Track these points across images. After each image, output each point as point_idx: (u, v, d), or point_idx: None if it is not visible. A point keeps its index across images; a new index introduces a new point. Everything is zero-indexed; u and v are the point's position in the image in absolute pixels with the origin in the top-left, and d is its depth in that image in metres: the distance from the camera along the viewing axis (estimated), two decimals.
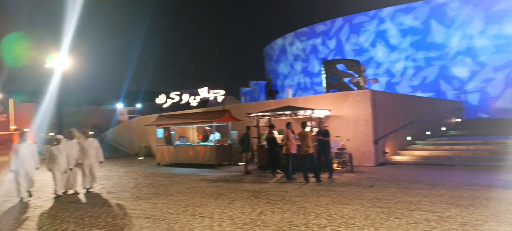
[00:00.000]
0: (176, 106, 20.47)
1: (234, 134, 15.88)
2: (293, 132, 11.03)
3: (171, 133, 17.59)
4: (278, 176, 11.34)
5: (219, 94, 18.99)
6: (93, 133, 44.45)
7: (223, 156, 15.52)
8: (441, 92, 25.27)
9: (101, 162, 10.29)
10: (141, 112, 52.43)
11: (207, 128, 17.60)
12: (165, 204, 7.81)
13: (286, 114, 13.04)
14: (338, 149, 12.33)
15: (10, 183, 9.62)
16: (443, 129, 18.62)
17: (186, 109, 19.88)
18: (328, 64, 19.07)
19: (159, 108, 21.58)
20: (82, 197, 9.32)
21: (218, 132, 16.56)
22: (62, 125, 27.22)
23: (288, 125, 10.88)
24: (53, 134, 45.92)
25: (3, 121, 50.24)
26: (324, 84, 18.87)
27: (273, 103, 16.39)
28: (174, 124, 17.43)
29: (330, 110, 13.81)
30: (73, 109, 51.66)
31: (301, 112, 12.60)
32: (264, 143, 12.77)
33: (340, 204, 7.13)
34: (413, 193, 7.94)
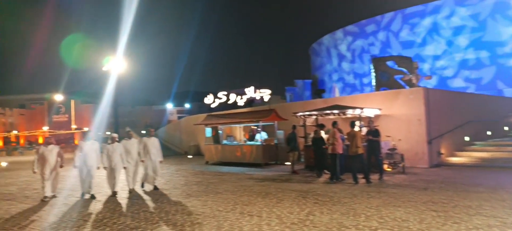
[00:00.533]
0: (224, 106, 20.89)
1: (280, 133, 15.90)
2: (340, 131, 10.81)
3: (219, 132, 17.99)
4: (325, 176, 11.18)
5: (265, 94, 19.07)
6: (145, 132, 46.71)
7: (269, 155, 15.60)
8: (498, 90, 23.49)
9: (160, 162, 10.46)
10: (190, 112, 54.14)
11: (253, 127, 17.78)
12: (214, 202, 8.01)
13: (334, 114, 12.81)
14: (388, 150, 11.89)
15: (74, 179, 10.37)
16: (506, 128, 17.26)
17: (233, 109, 20.21)
18: (378, 62, 18.46)
19: (207, 108, 22.14)
20: (140, 193, 9.77)
21: (265, 131, 16.67)
22: (118, 124, 28.87)
23: (334, 124, 10.67)
24: (109, 132, 48.88)
25: (65, 121, 54.36)
26: (373, 83, 18.28)
27: (320, 102, 16.18)
28: (222, 123, 17.81)
29: (380, 109, 13.36)
30: (128, 110, 54.53)
31: (349, 111, 12.32)
32: (311, 142, 12.64)
33: (391, 206, 6.88)
34: (472, 197, 7.46)
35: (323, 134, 11.90)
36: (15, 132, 49.87)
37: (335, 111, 12.65)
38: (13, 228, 6.57)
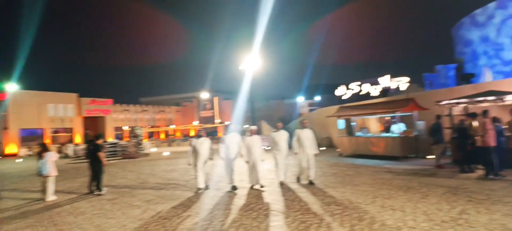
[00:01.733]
0: (356, 97, 20.40)
1: (420, 124, 14.66)
2: (497, 121, 9.38)
3: (352, 124, 17.65)
4: (478, 172, 9.87)
5: (402, 82, 17.83)
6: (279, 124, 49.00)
7: (408, 148, 14.57)
8: None
9: (315, 154, 9.92)
10: (320, 104, 54.27)
11: (388, 118, 16.84)
12: (352, 194, 8.00)
13: (488, 101, 11.17)
14: None
15: (220, 169, 11.55)
16: None
17: (366, 100, 19.53)
18: None
19: (338, 100, 21.98)
20: (289, 186, 10.14)
21: (402, 122, 15.62)
22: (254, 118, 31.12)
23: (485, 112, 9.30)
24: (247, 126, 52.96)
25: (210, 116, 61.15)
26: None
27: (468, 89, 14.27)
28: (355, 115, 17.42)
29: None
30: (262, 104, 57.99)
31: (509, 97, 10.56)
32: (455, 134, 11.26)
33: None
34: None
35: (474, 124, 10.50)
36: (173, 126, 58.69)
37: (490, 98, 11.01)
38: (173, 217, 7.85)
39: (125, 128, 52.01)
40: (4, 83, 37.13)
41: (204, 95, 58.90)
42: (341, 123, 18.45)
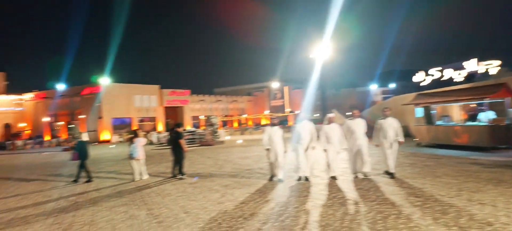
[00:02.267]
0: (436, 83, 19.02)
1: None
2: None
3: (432, 112, 16.53)
4: None
5: (492, 66, 16.17)
6: (350, 113, 47.65)
7: (499, 138, 13.22)
8: None
9: (400, 143, 9.12)
10: (395, 92, 51.47)
11: (473, 105, 15.43)
12: (433, 186, 7.60)
13: None
14: None
15: (292, 159, 11.55)
16: None
17: (448, 86, 18.09)
18: None
19: (415, 86, 20.71)
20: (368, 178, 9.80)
21: (491, 110, 14.21)
22: (325, 107, 30.69)
23: None
24: (317, 115, 52.43)
25: (280, 105, 61.64)
26: None
27: None
28: (435, 102, 16.28)
29: None
30: (333, 93, 56.79)
31: None
32: None
33: None
34: None
35: None
36: (245, 115, 60.46)
37: None
38: (250, 202, 8.20)
39: (201, 117, 54.88)
40: (98, 77, 41.59)
41: (275, 85, 59.45)
42: (419, 111, 17.39)
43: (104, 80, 41.37)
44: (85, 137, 11.64)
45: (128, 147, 11.23)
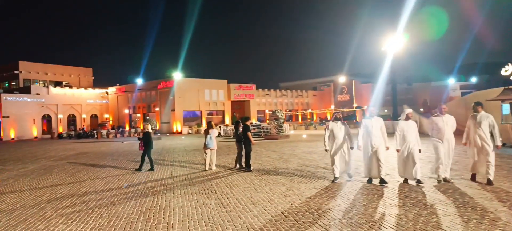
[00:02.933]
0: None
1: None
2: None
3: None
4: None
5: None
6: (422, 110, 44.67)
7: None
8: None
9: (499, 147, 7.75)
10: (476, 87, 47.04)
11: None
12: None
13: None
14: None
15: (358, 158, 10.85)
16: None
17: None
18: None
19: (502, 80, 18.70)
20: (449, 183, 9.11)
21: None
22: (395, 102, 29.15)
23: None
24: (386, 111, 49.96)
25: (347, 100, 59.86)
26: None
27: None
28: None
29: None
30: (404, 87, 53.68)
31: None
32: None
33: None
34: None
35: None
36: (309, 110, 59.89)
37: None
38: (315, 197, 8.12)
39: (266, 111, 55.49)
40: (172, 72, 44.21)
41: (341, 79, 57.90)
42: (506, 108, 15.75)
43: (177, 75, 43.84)
44: (150, 129, 12.46)
45: (205, 137, 11.87)
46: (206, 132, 11.92)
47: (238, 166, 11.65)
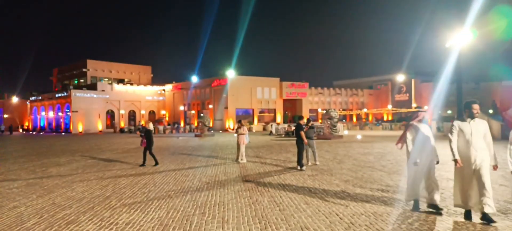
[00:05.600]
0: None
1: None
2: None
3: None
4: None
5: None
6: (491, 111, 41.11)
7: None
8: None
9: None
10: None
11: None
12: None
13: None
14: None
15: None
16: None
17: None
18: None
19: None
20: None
21: None
22: (461, 102, 27.12)
23: None
24: (450, 112, 46.77)
25: (405, 100, 57.05)
26: None
27: None
28: None
29: None
30: (471, 86, 49.93)
31: None
32: None
33: None
34: None
35: None
36: (365, 110, 57.96)
37: None
38: (372, 200, 7.77)
39: (319, 110, 54.64)
40: (225, 70, 45.22)
41: (400, 77, 55.25)
42: None
43: (230, 73, 44.76)
44: (150, 127, 13.27)
45: (241, 135, 13.17)
46: (237, 130, 13.43)
47: (301, 166, 11.04)
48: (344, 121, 53.60)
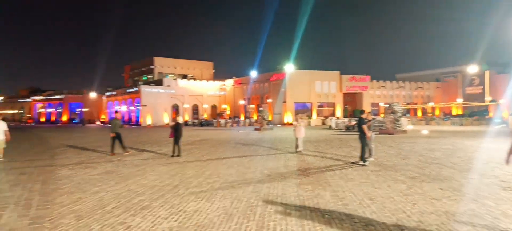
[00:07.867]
0: None
1: None
2: None
3: None
4: None
5: None
6: None
7: None
8: None
9: None
10: None
11: None
12: None
13: None
14: None
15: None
16: None
17: None
18: None
19: None
20: None
21: None
22: None
23: None
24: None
25: (478, 93, 52.48)
26: None
27: None
28: None
29: None
30: None
31: None
32: None
33: None
34: None
35: None
36: (431, 104, 54.41)
37: None
38: (442, 198, 7.35)
39: (381, 104, 52.48)
40: (284, 64, 45.24)
41: (472, 69, 50.88)
42: None
43: (289, 67, 44.65)
44: (180, 120, 13.67)
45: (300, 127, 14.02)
46: (295, 124, 14.58)
47: (364, 161, 10.75)
48: (408, 115, 50.88)
